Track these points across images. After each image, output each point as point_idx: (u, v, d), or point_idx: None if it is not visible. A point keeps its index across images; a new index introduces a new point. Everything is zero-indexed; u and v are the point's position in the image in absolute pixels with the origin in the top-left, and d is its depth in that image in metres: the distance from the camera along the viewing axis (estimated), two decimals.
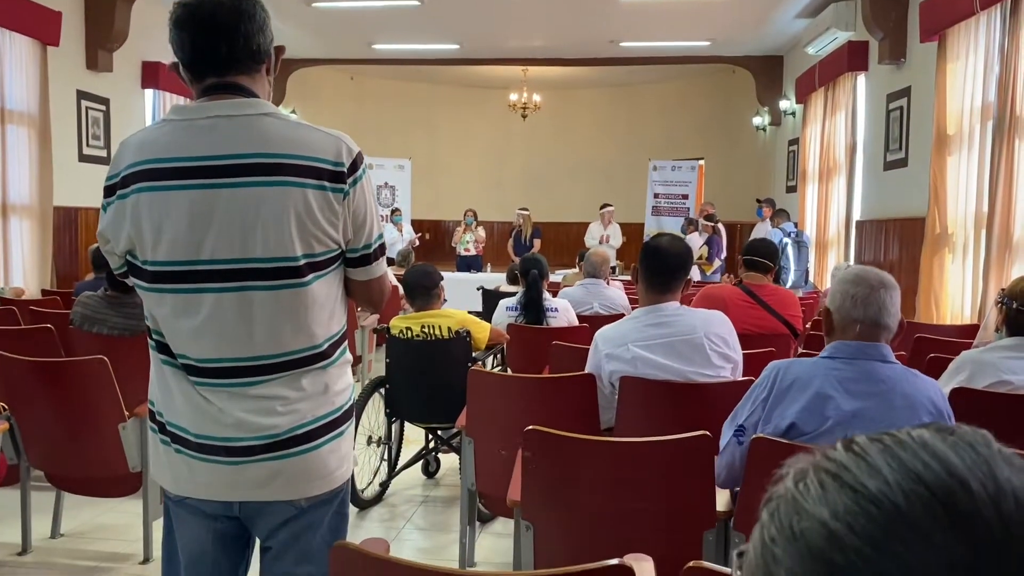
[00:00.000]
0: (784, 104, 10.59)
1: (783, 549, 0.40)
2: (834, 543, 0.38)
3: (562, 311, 4.07)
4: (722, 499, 2.05)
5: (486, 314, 4.48)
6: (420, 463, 3.99)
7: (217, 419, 1.44)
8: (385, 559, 1.12)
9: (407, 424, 3.95)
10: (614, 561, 1.10)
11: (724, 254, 9.28)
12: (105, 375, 2.87)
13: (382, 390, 3.68)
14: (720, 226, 9.28)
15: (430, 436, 3.87)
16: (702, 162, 12.39)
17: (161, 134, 1.45)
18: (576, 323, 4.10)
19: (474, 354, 3.54)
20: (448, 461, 4.11)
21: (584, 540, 1.94)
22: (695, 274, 7.86)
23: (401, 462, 3.86)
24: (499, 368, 4.35)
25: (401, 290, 6.60)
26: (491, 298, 5.94)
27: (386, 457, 3.82)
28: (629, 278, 7.34)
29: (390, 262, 8.77)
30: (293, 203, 1.41)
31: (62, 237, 7.16)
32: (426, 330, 3.52)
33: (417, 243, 10.61)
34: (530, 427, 1.89)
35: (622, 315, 3.73)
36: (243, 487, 1.47)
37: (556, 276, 7.00)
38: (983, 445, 0.40)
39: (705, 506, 1.86)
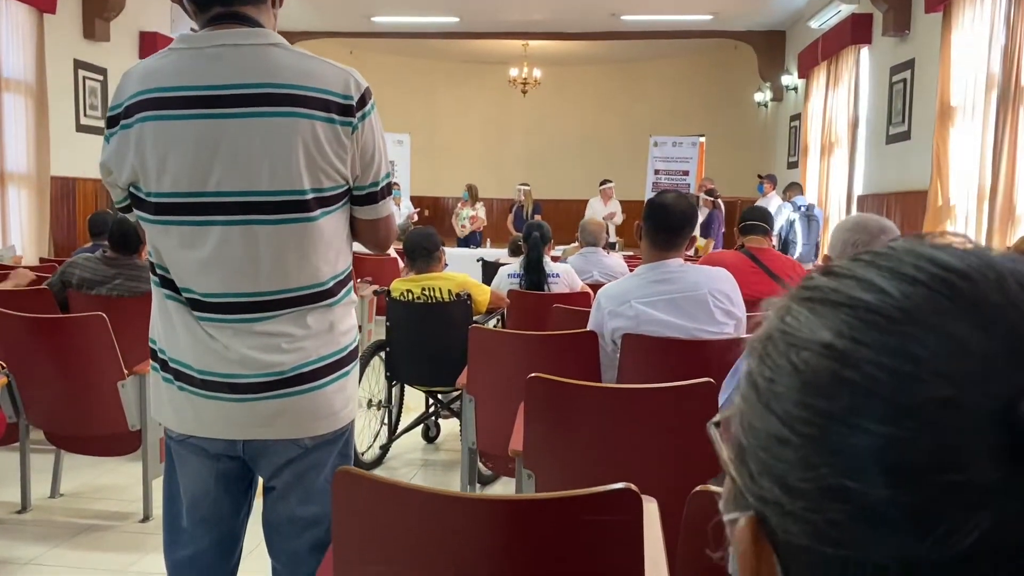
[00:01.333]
0: (786, 79, 10.53)
1: (786, 386, 0.36)
2: (845, 362, 0.35)
3: (564, 276, 4.06)
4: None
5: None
6: (420, 428, 3.99)
7: (222, 355, 1.43)
8: (389, 483, 1.11)
9: (407, 394, 3.95)
10: (620, 485, 1.09)
11: (723, 229, 9.24)
12: (104, 332, 2.86)
13: (382, 353, 3.66)
14: (720, 202, 9.23)
15: (430, 401, 3.87)
16: (703, 139, 12.32)
17: (166, 63, 1.42)
18: (579, 289, 4.08)
19: (474, 318, 3.52)
20: (448, 427, 4.10)
21: (586, 487, 1.93)
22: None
23: (401, 427, 3.86)
24: None
25: (400, 263, 6.60)
26: (491, 270, 5.91)
27: (386, 421, 3.82)
28: (631, 253, 7.32)
29: None
30: (301, 135, 1.39)
31: (60, 207, 7.12)
32: (427, 292, 3.50)
33: (416, 218, 10.56)
34: (533, 374, 1.88)
35: None
36: (247, 425, 1.46)
37: (555, 251, 6.97)
38: (964, 240, 0.38)
39: (709, 454, 1.84)
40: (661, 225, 2.57)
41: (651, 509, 1.54)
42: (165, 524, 1.59)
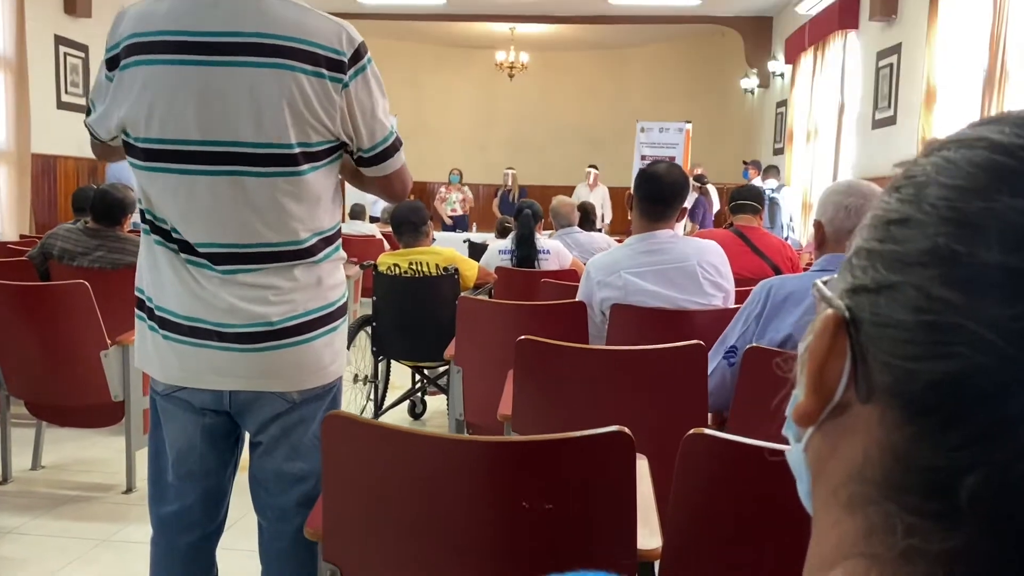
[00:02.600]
0: (773, 65, 10.54)
1: (927, 174, 0.36)
2: (998, 150, 0.35)
3: (554, 253, 4.04)
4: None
5: None
6: (406, 404, 3.97)
7: (210, 303, 1.41)
8: (379, 425, 1.09)
9: (393, 372, 3.93)
10: (613, 428, 1.08)
11: (712, 217, 9.23)
12: (86, 301, 2.82)
13: (368, 328, 3.64)
14: (709, 187, 9.22)
15: (417, 377, 3.85)
16: (689, 125, 12.33)
17: (161, 6, 1.40)
18: (568, 267, 4.07)
19: (462, 293, 3.51)
20: (434, 403, 4.09)
21: None
22: (679, 231, 7.76)
23: (387, 403, 3.84)
24: None
25: (386, 245, 6.57)
26: (478, 251, 5.89)
27: (372, 396, 3.80)
28: (619, 238, 7.30)
29: (374, 220, 8.68)
30: (288, 88, 1.37)
31: (40, 184, 7.02)
32: (414, 267, 3.48)
33: None
34: (523, 336, 1.87)
35: None
36: (235, 376, 1.44)
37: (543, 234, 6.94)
38: None
39: (697, 414, 1.85)
40: (653, 196, 2.56)
41: (641, 465, 1.54)
42: (150, 480, 1.57)
